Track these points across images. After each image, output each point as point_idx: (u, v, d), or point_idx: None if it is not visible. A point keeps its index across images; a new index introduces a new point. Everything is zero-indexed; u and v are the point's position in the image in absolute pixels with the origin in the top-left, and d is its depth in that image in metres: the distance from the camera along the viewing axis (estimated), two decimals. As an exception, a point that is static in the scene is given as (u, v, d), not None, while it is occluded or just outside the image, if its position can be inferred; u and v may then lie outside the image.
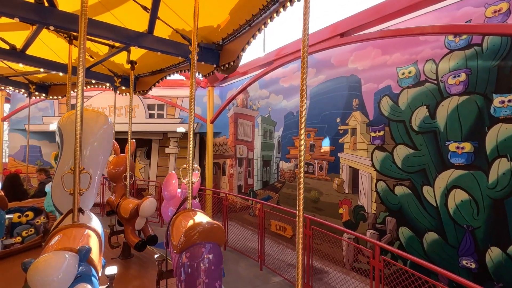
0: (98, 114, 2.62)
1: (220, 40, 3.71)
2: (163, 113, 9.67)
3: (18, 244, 4.28)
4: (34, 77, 5.69)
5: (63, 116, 2.60)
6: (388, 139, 4.49)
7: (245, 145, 8.04)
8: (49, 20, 2.82)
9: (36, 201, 4.70)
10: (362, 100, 4.91)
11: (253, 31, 3.14)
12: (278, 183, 6.74)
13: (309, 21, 1.52)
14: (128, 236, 4.01)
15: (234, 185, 8.39)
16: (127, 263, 4.27)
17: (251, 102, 7.88)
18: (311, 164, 5.88)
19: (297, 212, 1.45)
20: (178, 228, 2.24)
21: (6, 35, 3.96)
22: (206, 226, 2.09)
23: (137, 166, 10.69)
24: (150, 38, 3.41)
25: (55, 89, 6.09)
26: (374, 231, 4.60)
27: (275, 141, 6.90)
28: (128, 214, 3.93)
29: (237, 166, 8.33)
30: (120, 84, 5.32)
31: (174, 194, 3.12)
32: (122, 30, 3.25)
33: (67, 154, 2.42)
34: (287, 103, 6.58)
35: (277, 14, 2.78)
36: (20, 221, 4.38)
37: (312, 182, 5.84)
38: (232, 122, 8.64)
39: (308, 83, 6.01)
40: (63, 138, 2.46)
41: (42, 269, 1.40)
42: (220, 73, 3.96)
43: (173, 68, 4.57)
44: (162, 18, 3.44)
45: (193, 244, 2.01)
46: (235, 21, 3.28)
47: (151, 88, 5.45)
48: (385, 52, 4.58)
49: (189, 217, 2.33)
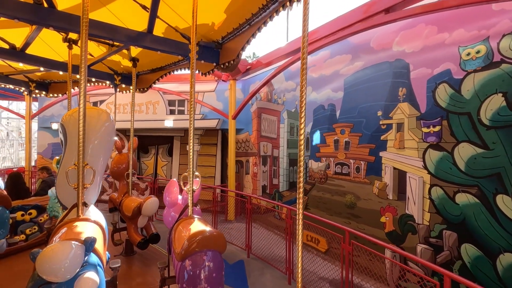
0: (100, 111, 2.66)
1: (220, 38, 3.67)
2: (184, 109, 9.31)
3: (22, 242, 4.31)
4: (34, 75, 5.69)
5: (65, 114, 2.62)
6: (447, 136, 3.67)
7: (270, 142, 7.44)
8: (48, 21, 2.82)
9: (39, 199, 4.70)
10: (411, 88, 4.10)
11: (253, 30, 3.12)
12: (306, 185, 6.09)
13: (308, 20, 1.52)
14: (131, 234, 4.04)
15: (258, 185, 7.84)
16: (129, 260, 4.29)
17: (276, 96, 7.24)
18: (346, 164, 5.16)
19: (297, 210, 1.53)
20: (180, 236, 2.26)
21: (5, 34, 3.94)
22: (207, 235, 2.12)
23: (159, 163, 10.51)
24: (149, 38, 3.41)
25: (55, 87, 6.05)
26: (427, 246, 3.83)
27: (304, 138, 6.22)
28: (131, 213, 3.94)
29: (261, 164, 7.76)
30: (120, 82, 5.30)
31: (175, 201, 3.04)
32: (122, 30, 3.24)
33: (70, 151, 2.45)
34: (317, 95, 5.87)
35: (277, 13, 2.75)
36: (24, 219, 4.40)
37: (346, 184, 5.12)
38: (255, 118, 8.07)
39: (342, 71, 5.26)
40: (66, 136, 2.51)
41: (50, 257, 1.46)
42: (220, 71, 4.09)
43: (173, 66, 4.55)
44: (161, 17, 3.44)
45: (194, 252, 2.04)
46: (235, 20, 3.25)
47: (151, 85, 5.41)
48: (442, 29, 3.74)
49: (190, 224, 2.34)
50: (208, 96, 8.98)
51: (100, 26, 3.09)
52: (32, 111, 10.43)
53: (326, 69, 5.63)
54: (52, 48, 4.42)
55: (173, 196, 3.06)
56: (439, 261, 3.68)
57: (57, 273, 1.45)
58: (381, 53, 4.54)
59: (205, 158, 9.54)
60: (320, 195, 5.72)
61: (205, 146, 9.49)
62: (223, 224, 7.51)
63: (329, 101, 5.54)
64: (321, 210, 5.61)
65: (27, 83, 5.83)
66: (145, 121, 9.20)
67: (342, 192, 5.20)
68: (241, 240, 5.81)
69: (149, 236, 4.01)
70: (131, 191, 4.45)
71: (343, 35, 4.76)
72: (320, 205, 5.69)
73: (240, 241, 5.85)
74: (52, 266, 1.44)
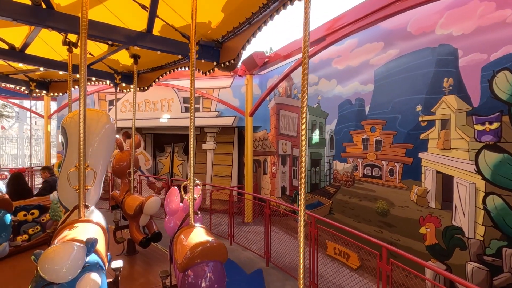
0: (99, 114, 2.70)
1: (220, 37, 3.65)
2: (199, 106, 8.99)
3: (25, 241, 4.37)
4: (34, 75, 5.64)
5: (66, 117, 2.63)
6: (508, 134, 3.04)
7: (289, 140, 6.94)
8: (47, 22, 2.80)
9: (41, 199, 4.72)
10: (459, 78, 3.47)
11: (254, 29, 3.09)
12: (331, 187, 5.56)
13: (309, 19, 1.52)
14: (132, 232, 4.05)
15: (277, 186, 7.39)
16: (132, 260, 4.33)
17: (295, 91, 6.72)
18: (377, 166, 4.59)
19: (299, 210, 1.49)
20: (181, 246, 2.23)
21: (4, 35, 3.91)
22: (208, 245, 2.09)
23: (175, 162, 10.31)
24: (149, 37, 3.38)
25: (56, 86, 6.06)
26: (481, 266, 3.23)
27: (327, 136, 5.69)
28: (133, 211, 3.95)
29: (280, 164, 7.29)
30: (120, 81, 5.27)
31: (176, 209, 2.97)
32: (121, 31, 3.22)
33: (71, 153, 2.48)
34: (342, 89, 5.31)
35: (277, 12, 2.72)
36: (26, 219, 4.45)
37: (378, 189, 4.55)
38: (273, 114, 7.59)
39: (372, 61, 4.67)
40: (67, 138, 2.53)
41: (51, 258, 1.47)
42: (220, 70, 3.92)
43: (173, 65, 4.54)
44: (161, 16, 3.41)
45: (196, 263, 2.02)
46: (235, 19, 3.21)
47: (151, 84, 5.36)
48: (502, 5, 3.09)
49: (192, 234, 2.30)
50: (224, 92, 8.59)
51: (99, 26, 3.05)
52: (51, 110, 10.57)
53: (354, 59, 5.05)
54: (51, 47, 4.39)
55: (174, 204, 2.96)
56: (497, 284, 3.08)
57: (59, 274, 1.46)
58: (421, 38, 3.92)
59: (221, 156, 9.19)
60: (346, 199, 5.19)
61: (221, 145, 9.14)
62: (240, 226, 7.14)
63: (357, 95, 4.97)
64: (347, 216, 5.08)
65: (27, 82, 5.83)
66: (159, 120, 8.97)
67: (372, 197, 4.64)
68: (259, 245, 5.40)
69: (151, 235, 4.02)
70: (132, 190, 4.41)
71: (374, 20, 4.19)
72: (346, 211, 5.16)
73: (258, 247, 5.44)
74: (54, 267, 1.46)
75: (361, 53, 4.90)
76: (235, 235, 5.97)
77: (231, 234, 5.82)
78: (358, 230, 4.25)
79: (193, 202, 2.52)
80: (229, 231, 5.85)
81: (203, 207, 7.67)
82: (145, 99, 9.33)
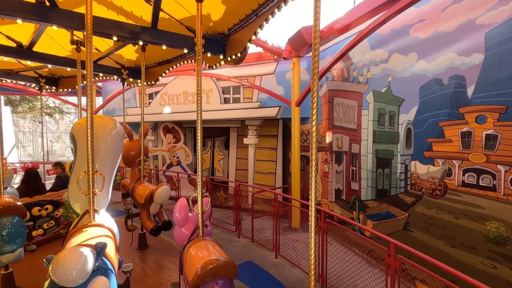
0: (105, 120, 2.75)
1: (226, 30, 3.62)
2: (239, 96, 8.15)
3: (40, 236, 4.61)
4: (43, 71, 5.73)
5: (75, 123, 2.73)
6: None
7: (347, 134, 5.71)
8: (51, 20, 2.81)
9: (54, 195, 4.91)
10: None
11: (260, 21, 3.06)
12: (408, 196, 4.26)
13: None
14: (143, 221, 4.11)
15: (330, 188, 6.24)
16: (143, 255, 4.48)
17: (355, 72, 5.42)
18: (489, 172, 3.19)
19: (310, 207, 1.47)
20: (191, 262, 2.21)
21: (12, 32, 3.93)
22: (219, 263, 2.06)
23: (215, 157, 9.73)
24: (154, 32, 3.38)
25: (65, 81, 6.12)
26: None
27: (401, 129, 4.35)
28: (143, 200, 3.99)
29: (334, 162, 6.11)
30: (127, 76, 5.26)
31: (186, 220, 2.92)
32: (126, 26, 3.22)
33: (81, 159, 2.56)
34: (427, 65, 3.91)
35: (285, 3, 2.70)
36: (41, 214, 4.63)
37: (489, 205, 3.17)
38: (325, 103, 6.38)
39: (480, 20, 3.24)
40: (76, 145, 2.62)
41: (62, 263, 1.52)
42: (227, 64, 3.91)
43: (179, 59, 4.57)
44: (165, 10, 3.43)
45: (206, 281, 2.01)
46: (241, 11, 3.16)
47: (158, 79, 5.34)
48: None
49: (201, 249, 2.29)
50: (267, 80, 7.59)
51: (104, 22, 3.04)
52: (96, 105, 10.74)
53: (447, 21, 3.61)
54: (59, 43, 4.40)
55: (183, 214, 2.91)
56: None
57: (69, 278, 1.49)
58: None
59: (264, 151, 8.28)
60: (432, 213, 3.86)
61: (263, 138, 8.22)
62: (286, 233, 6.19)
63: (452, 71, 3.55)
64: (434, 237, 3.77)
65: (37, 79, 5.89)
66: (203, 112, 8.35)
67: (478, 215, 3.27)
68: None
69: (161, 223, 4.07)
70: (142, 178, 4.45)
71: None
72: (431, 229, 3.84)
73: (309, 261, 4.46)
74: (64, 272, 1.49)
75: (459, 11, 3.46)
76: (281, 244, 5.05)
77: (276, 245, 4.92)
78: (451, 258, 2.99)
79: (202, 214, 2.49)
80: (274, 242, 4.95)
81: (245, 206, 6.91)
82: (183, 90, 8.80)
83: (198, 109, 2.45)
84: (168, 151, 9.75)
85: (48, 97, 16.59)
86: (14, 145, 13.49)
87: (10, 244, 3.13)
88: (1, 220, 3.16)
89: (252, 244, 5.50)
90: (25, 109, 17.54)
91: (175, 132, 9.73)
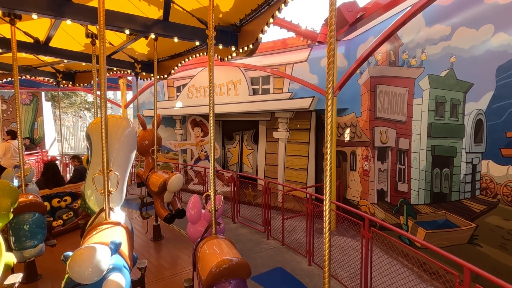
0: (119, 120, 2.77)
1: (238, 21, 3.58)
2: (269, 87, 7.61)
3: (60, 226, 4.84)
4: (59, 66, 5.78)
5: (91, 123, 2.85)
6: None
7: (393, 127, 4.94)
8: (65, 14, 2.86)
9: (72, 187, 5.11)
10: None
11: (273, 11, 3.00)
12: (476, 203, 3.48)
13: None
14: (157, 209, 4.18)
15: (371, 187, 5.53)
16: (158, 246, 4.67)
17: (405, 55, 4.62)
18: None
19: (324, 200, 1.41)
20: (204, 260, 2.21)
21: (29, 28, 3.97)
22: (232, 264, 2.06)
23: (244, 151, 9.33)
24: (166, 25, 3.37)
25: (81, 76, 6.21)
26: None
27: (468, 121, 3.55)
28: (157, 188, 4.05)
29: (376, 159, 5.38)
30: (140, 70, 5.28)
31: (199, 217, 2.80)
32: (138, 19, 3.24)
33: (96, 158, 2.64)
34: (509, 38, 3.07)
35: None
36: (60, 206, 4.85)
37: None
38: (366, 92, 5.62)
39: None
40: (91, 144, 2.72)
41: (78, 261, 1.56)
42: (239, 56, 3.88)
43: (191, 52, 4.55)
44: (177, 2, 3.38)
45: (220, 281, 2.03)
46: (253, 1, 3.13)
47: (171, 73, 5.34)
48: None
49: (215, 247, 2.30)
50: (299, 68, 6.95)
51: (117, 16, 3.08)
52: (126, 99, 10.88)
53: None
54: (74, 38, 4.46)
55: (196, 211, 2.86)
56: None
57: (85, 275, 1.54)
58: None
59: (295, 146, 7.70)
60: (511, 226, 3.07)
61: (295, 132, 7.63)
62: (320, 236, 5.61)
63: (549, 44, 2.71)
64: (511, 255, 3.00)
65: (54, 74, 6.00)
66: (225, 105, 7.99)
67: None
68: (349, 269, 3.90)
69: (175, 211, 4.13)
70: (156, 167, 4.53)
71: None
72: (510, 246, 3.06)
73: (348, 272, 3.92)
74: (80, 269, 1.54)
75: None
76: (315, 248, 4.52)
77: (310, 251, 4.40)
78: None
79: (215, 212, 2.46)
80: (307, 247, 4.44)
81: (275, 204, 6.45)
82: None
83: (210, 103, 2.36)
84: (196, 145, 9.56)
85: (87, 93, 17.37)
86: (55, 139, 14.29)
87: (31, 240, 3.26)
88: (23, 217, 3.26)
89: (282, 247, 5.04)
90: (66, 104, 18.57)
91: (203, 126, 9.48)
